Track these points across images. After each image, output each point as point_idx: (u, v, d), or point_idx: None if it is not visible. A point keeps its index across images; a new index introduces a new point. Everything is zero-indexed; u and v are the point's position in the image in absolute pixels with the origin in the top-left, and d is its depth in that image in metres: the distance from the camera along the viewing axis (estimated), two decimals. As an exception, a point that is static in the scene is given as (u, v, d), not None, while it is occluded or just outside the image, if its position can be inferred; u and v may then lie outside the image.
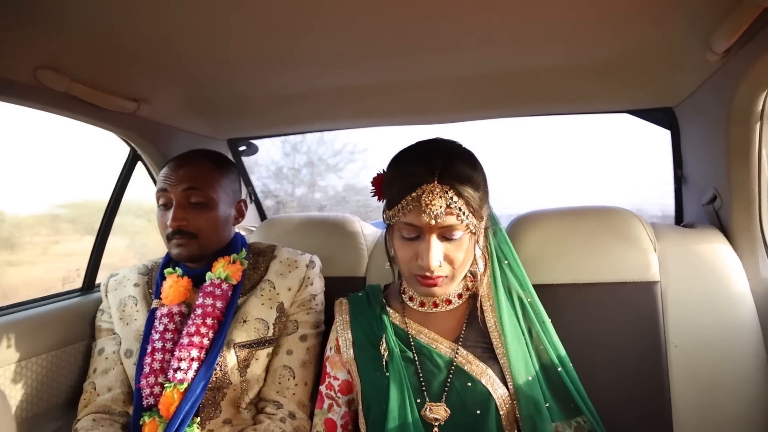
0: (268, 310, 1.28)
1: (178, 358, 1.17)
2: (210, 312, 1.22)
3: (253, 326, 1.25)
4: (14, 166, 2.50)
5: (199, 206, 1.25)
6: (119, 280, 1.40)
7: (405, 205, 0.96)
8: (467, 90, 1.44)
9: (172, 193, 1.24)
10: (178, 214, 1.23)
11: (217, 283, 1.26)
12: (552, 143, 2.36)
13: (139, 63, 1.20)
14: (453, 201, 0.94)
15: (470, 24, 1.03)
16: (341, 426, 1.14)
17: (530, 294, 1.14)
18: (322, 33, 1.06)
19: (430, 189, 0.94)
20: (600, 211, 1.35)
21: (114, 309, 1.36)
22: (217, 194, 1.28)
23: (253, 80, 1.36)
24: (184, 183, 1.24)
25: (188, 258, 1.27)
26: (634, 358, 1.21)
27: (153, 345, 1.22)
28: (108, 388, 1.27)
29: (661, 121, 1.62)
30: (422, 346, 1.08)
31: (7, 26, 0.95)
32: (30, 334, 1.29)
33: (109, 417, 1.24)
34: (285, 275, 1.33)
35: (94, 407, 1.25)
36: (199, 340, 1.19)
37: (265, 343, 1.26)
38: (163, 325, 1.23)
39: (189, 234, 1.24)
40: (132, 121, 1.45)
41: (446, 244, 0.99)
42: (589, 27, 1.07)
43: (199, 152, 1.33)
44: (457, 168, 0.97)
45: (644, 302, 1.24)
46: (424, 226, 0.96)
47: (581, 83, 1.40)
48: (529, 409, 0.99)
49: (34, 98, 1.15)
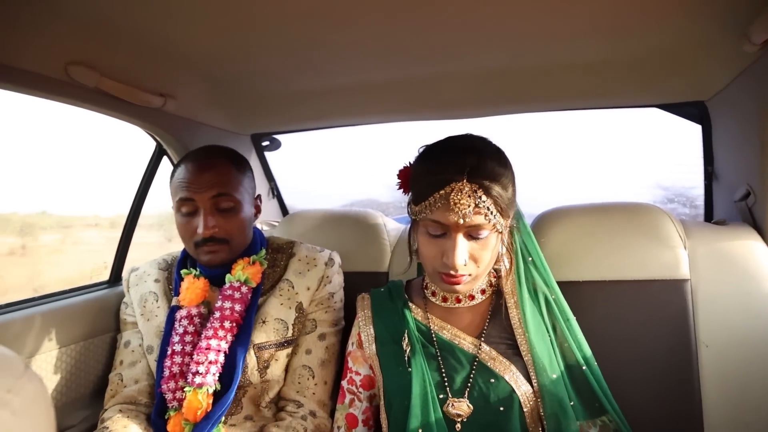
0: (287, 310, 1.27)
1: (196, 362, 1.16)
2: (229, 315, 1.20)
3: (272, 327, 1.24)
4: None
5: (228, 211, 1.22)
6: (140, 275, 1.40)
7: (433, 202, 0.95)
8: (494, 84, 1.42)
9: (198, 201, 1.20)
10: (210, 222, 1.19)
11: (237, 285, 1.24)
12: (579, 138, 2.32)
13: (167, 59, 1.21)
14: (482, 200, 0.93)
15: (498, 17, 1.02)
16: (362, 421, 1.14)
17: (554, 291, 1.12)
18: (344, 28, 1.06)
19: (460, 187, 0.93)
20: (627, 208, 1.32)
21: (135, 304, 1.36)
22: (242, 196, 1.25)
23: (276, 76, 1.37)
24: (212, 189, 1.19)
25: (220, 264, 1.25)
26: (663, 357, 1.18)
27: (172, 348, 1.21)
28: (135, 380, 1.29)
29: (691, 116, 1.58)
30: (445, 342, 1.07)
31: (40, 22, 0.97)
32: (59, 325, 1.32)
33: (135, 408, 1.25)
34: (304, 274, 1.31)
35: (120, 398, 1.26)
36: (216, 343, 1.17)
37: (284, 344, 1.25)
38: (182, 328, 1.22)
39: (220, 240, 1.21)
40: (158, 116, 1.47)
41: (472, 242, 0.97)
42: (619, 20, 1.05)
43: (217, 152, 1.28)
44: (488, 166, 0.95)
45: (673, 301, 1.21)
46: (452, 224, 0.95)
47: (610, 77, 1.37)
48: (554, 407, 0.98)
49: (64, 93, 1.17)
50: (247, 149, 1.99)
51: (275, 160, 2.14)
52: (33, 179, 5.11)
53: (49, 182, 5.16)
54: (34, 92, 1.12)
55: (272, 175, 2.16)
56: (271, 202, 2.17)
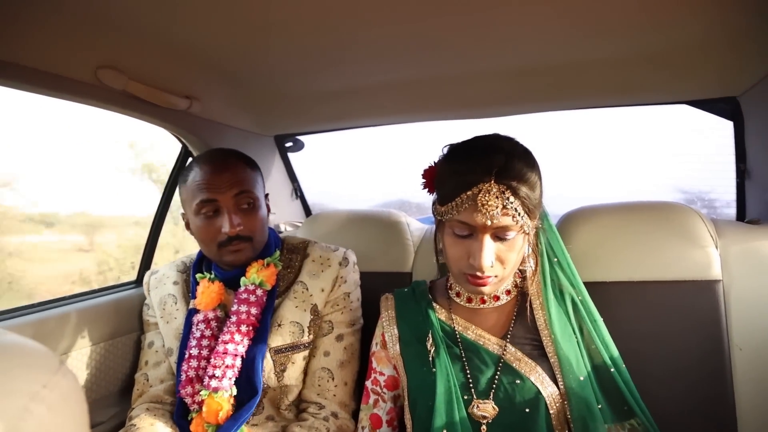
0: (302, 313, 1.27)
1: (213, 366, 1.17)
2: (245, 319, 1.21)
3: (288, 330, 1.25)
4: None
5: (250, 208, 1.24)
6: (159, 278, 1.42)
7: (459, 203, 0.94)
8: (519, 82, 1.40)
9: (221, 201, 1.21)
10: (235, 220, 1.20)
11: (252, 289, 1.24)
12: (606, 135, 2.28)
13: (192, 61, 1.23)
14: (509, 202, 0.92)
15: (523, 15, 1.01)
16: (386, 422, 1.14)
17: (581, 292, 1.10)
18: (368, 27, 1.05)
19: (487, 189, 0.92)
20: (656, 207, 1.29)
21: (156, 307, 1.38)
22: (258, 194, 1.27)
23: (300, 77, 1.37)
24: (234, 188, 1.21)
25: (245, 262, 1.26)
26: (694, 360, 1.15)
27: (189, 352, 1.23)
28: (160, 380, 1.31)
29: (723, 112, 1.54)
30: (469, 342, 1.07)
31: (72, 29, 0.99)
32: (89, 323, 1.35)
33: (161, 407, 1.28)
34: (317, 275, 1.30)
35: (147, 397, 1.29)
36: (234, 348, 1.18)
37: (300, 347, 1.25)
38: (199, 332, 1.24)
39: (245, 238, 1.23)
40: (184, 118, 1.49)
41: (499, 244, 0.96)
42: (647, 14, 1.02)
43: (229, 153, 1.29)
44: (515, 167, 0.94)
45: (704, 302, 1.18)
46: (479, 226, 0.94)
47: (638, 73, 1.34)
48: (581, 410, 0.96)
49: (94, 96, 1.19)
50: (271, 150, 2.01)
51: (300, 161, 2.15)
52: (72, 180, 5.28)
53: (85, 183, 5.33)
54: (65, 96, 1.14)
55: (295, 175, 2.16)
56: (294, 203, 2.18)
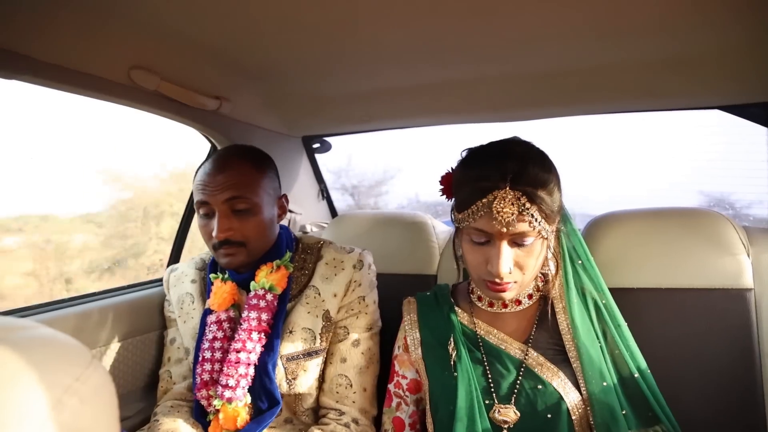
0: (314, 319, 1.23)
1: (226, 375, 1.15)
2: (256, 326, 1.18)
3: (300, 337, 1.21)
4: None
5: (244, 213, 1.18)
6: (178, 275, 1.40)
7: (475, 210, 0.94)
8: (546, 86, 1.39)
9: (213, 204, 1.17)
10: (224, 225, 1.16)
11: (261, 294, 1.21)
12: (634, 140, 2.24)
13: (222, 62, 1.25)
14: (525, 208, 0.91)
15: (551, 17, 0.99)
16: (409, 425, 1.14)
17: (605, 295, 1.09)
18: (395, 30, 1.05)
19: (502, 195, 0.91)
20: (686, 213, 1.27)
21: (174, 305, 1.37)
22: (260, 197, 1.21)
23: (330, 78, 1.38)
24: (226, 192, 1.16)
25: (238, 267, 1.23)
26: (723, 369, 1.13)
27: (203, 354, 1.21)
28: (183, 377, 1.31)
29: (757, 117, 1.49)
30: (491, 347, 1.06)
31: (107, 30, 1.02)
32: (116, 320, 1.37)
33: (185, 404, 1.27)
34: (330, 279, 1.26)
35: (172, 395, 1.29)
36: (246, 356, 1.16)
37: (312, 354, 1.22)
38: (212, 333, 1.22)
39: (237, 243, 1.18)
40: (213, 118, 1.52)
41: (517, 250, 0.96)
42: (678, 17, 1.00)
43: (235, 153, 1.25)
44: (531, 172, 0.93)
45: (735, 310, 1.15)
46: (495, 232, 0.93)
47: (668, 78, 1.31)
48: (604, 416, 0.95)
49: (126, 96, 1.22)
50: (298, 151, 2.02)
51: (327, 161, 2.16)
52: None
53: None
54: (99, 95, 1.17)
55: (322, 176, 2.17)
56: (320, 204, 2.20)
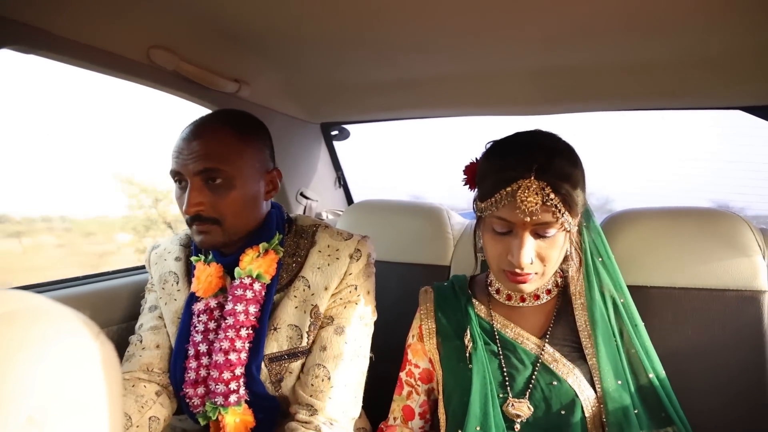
0: (302, 315, 1.10)
1: (217, 380, 1.04)
2: (244, 321, 1.06)
3: (285, 335, 1.09)
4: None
5: (220, 186, 1.04)
6: (160, 253, 1.25)
7: (499, 199, 0.94)
8: (569, 82, 1.38)
9: (185, 174, 1.03)
10: (194, 198, 1.02)
11: (247, 283, 1.08)
12: (655, 138, 2.19)
13: (243, 45, 1.24)
14: (549, 198, 0.91)
15: (576, 14, 0.99)
16: (419, 414, 1.14)
17: (624, 294, 1.08)
18: (423, 21, 1.05)
19: (527, 185, 0.91)
20: (702, 213, 1.26)
21: (156, 285, 1.22)
22: (239, 170, 1.05)
23: (352, 66, 1.37)
24: (199, 162, 1.02)
25: (213, 246, 1.10)
26: (736, 371, 1.13)
27: (196, 348, 1.10)
28: (156, 345, 1.16)
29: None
30: (507, 341, 1.06)
31: (127, 8, 1.01)
32: (110, 303, 1.34)
33: (147, 377, 1.14)
34: (323, 270, 1.11)
35: (136, 364, 1.14)
36: (236, 356, 1.05)
37: (298, 355, 1.10)
38: (202, 324, 1.10)
39: (210, 219, 1.05)
40: (231, 101, 1.50)
41: (539, 241, 0.96)
42: (702, 15, 0.98)
43: (217, 117, 1.10)
44: (556, 164, 0.93)
45: (749, 312, 1.15)
46: (518, 222, 0.93)
47: (691, 77, 1.30)
48: (617, 415, 0.96)
49: (145, 76, 1.21)
50: (316, 138, 2.01)
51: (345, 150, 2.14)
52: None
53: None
54: (118, 74, 1.17)
55: (339, 164, 2.15)
56: (337, 192, 2.18)
